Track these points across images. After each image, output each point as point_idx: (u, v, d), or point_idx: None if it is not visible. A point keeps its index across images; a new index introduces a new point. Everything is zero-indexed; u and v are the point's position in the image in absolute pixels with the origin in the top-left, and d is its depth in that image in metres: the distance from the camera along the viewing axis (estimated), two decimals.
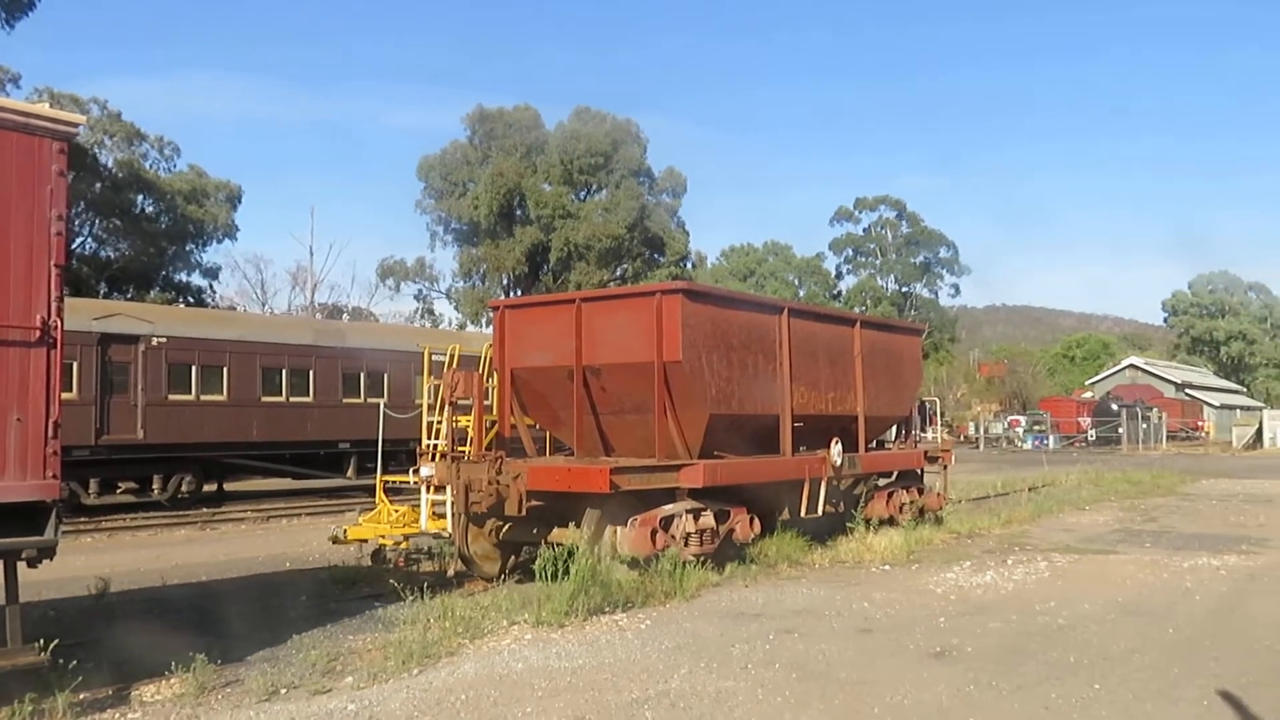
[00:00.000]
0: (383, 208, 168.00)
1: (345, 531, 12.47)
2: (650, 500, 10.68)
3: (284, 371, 22.49)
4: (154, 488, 20.32)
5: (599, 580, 9.36)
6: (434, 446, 12.41)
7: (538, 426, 13.11)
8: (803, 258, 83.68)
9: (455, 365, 12.96)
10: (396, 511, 12.76)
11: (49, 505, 6.37)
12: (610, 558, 10.19)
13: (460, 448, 12.03)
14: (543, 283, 55.77)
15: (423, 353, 14.46)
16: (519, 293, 55.20)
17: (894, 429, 17.13)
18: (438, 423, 12.54)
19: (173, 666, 6.97)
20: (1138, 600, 10.16)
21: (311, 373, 22.96)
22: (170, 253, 45.72)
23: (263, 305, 53.13)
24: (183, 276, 47.92)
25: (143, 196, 44.38)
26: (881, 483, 15.51)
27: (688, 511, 10.85)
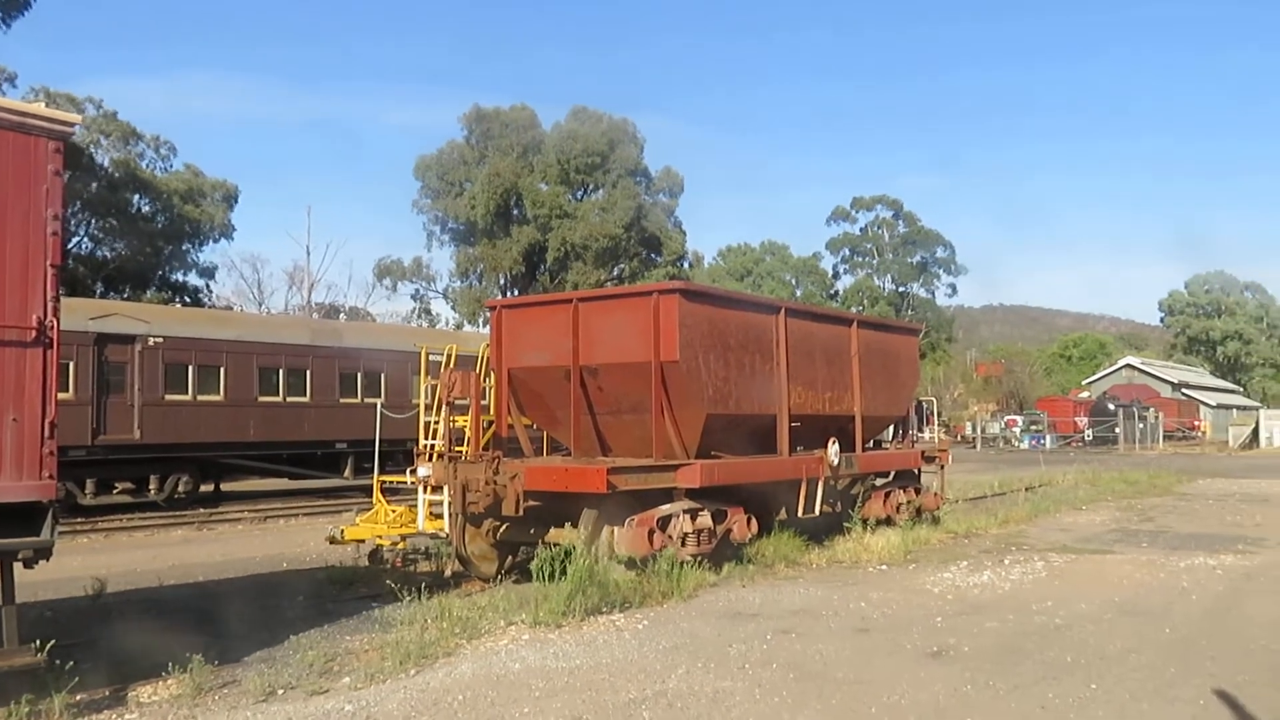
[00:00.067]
0: (380, 207, 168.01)
1: (342, 532, 12.46)
2: (647, 500, 10.69)
3: (281, 371, 22.47)
4: (150, 488, 20.30)
5: (596, 580, 9.36)
6: (431, 446, 12.40)
7: (535, 426, 13.12)
8: (800, 257, 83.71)
9: (452, 365, 12.95)
10: (394, 512, 12.75)
11: (45, 506, 6.36)
12: (607, 558, 10.19)
13: (457, 448, 12.03)
14: (540, 282, 55.74)
15: (420, 353, 14.45)
16: (516, 292, 55.18)
17: (891, 429, 17.16)
18: (435, 423, 12.53)
19: (170, 667, 6.96)
20: (1134, 600, 10.17)
21: (308, 373, 22.94)
22: (166, 252, 45.67)
23: (259, 305, 53.17)
24: (179, 276, 47.91)
25: (139, 196, 44.33)
26: (879, 483, 15.53)
27: (685, 511, 10.86)
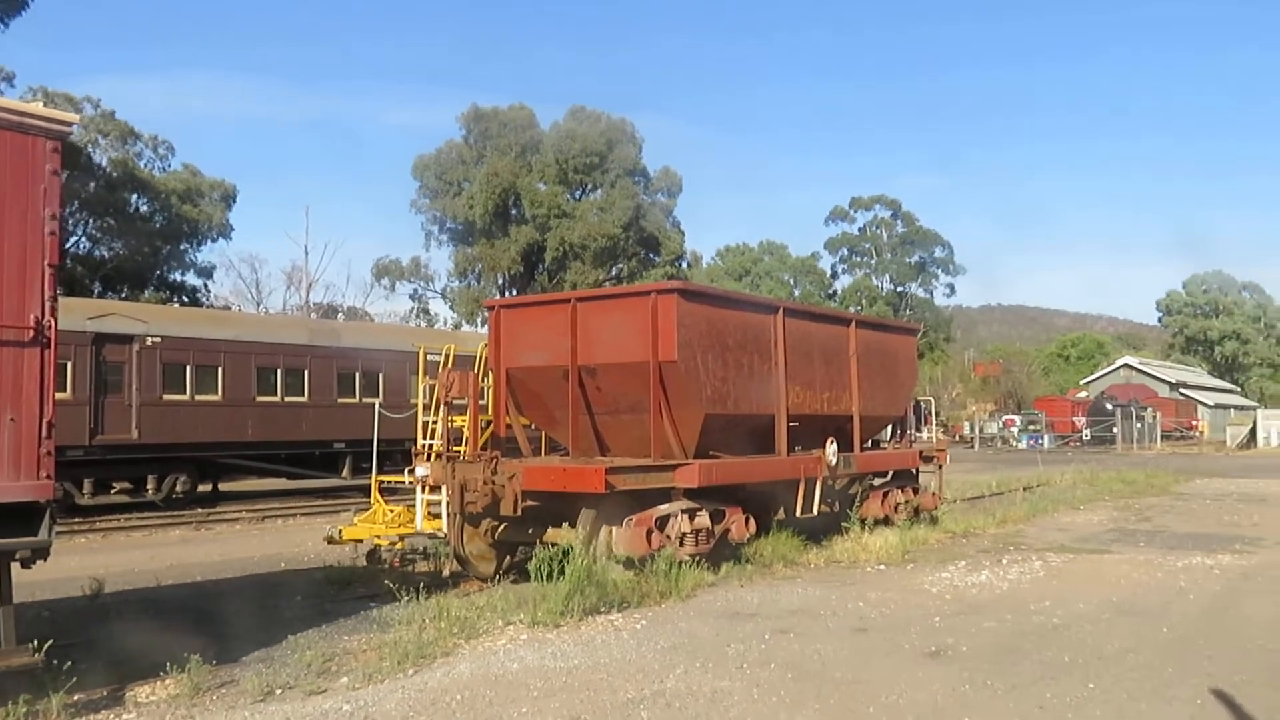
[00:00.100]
0: (379, 207, 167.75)
1: (340, 532, 12.46)
2: (646, 500, 10.69)
3: (279, 371, 22.45)
4: (148, 488, 20.29)
5: (594, 580, 9.36)
6: (429, 446, 12.40)
7: (533, 426, 13.11)
8: (798, 257, 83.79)
9: (450, 365, 12.94)
10: (392, 512, 12.74)
11: (43, 506, 6.35)
12: (606, 558, 10.19)
13: (455, 448, 12.01)
14: (538, 282, 55.74)
15: (418, 352, 14.45)
16: (514, 292, 55.18)
17: (889, 429, 17.16)
18: (433, 423, 12.53)
19: (168, 667, 6.96)
20: (1132, 600, 10.18)
21: (306, 372, 22.93)
22: (164, 252, 45.65)
23: (257, 305, 53.18)
24: (177, 276, 47.90)
25: (137, 196, 44.31)
26: (877, 482, 15.53)
27: (683, 511, 10.86)
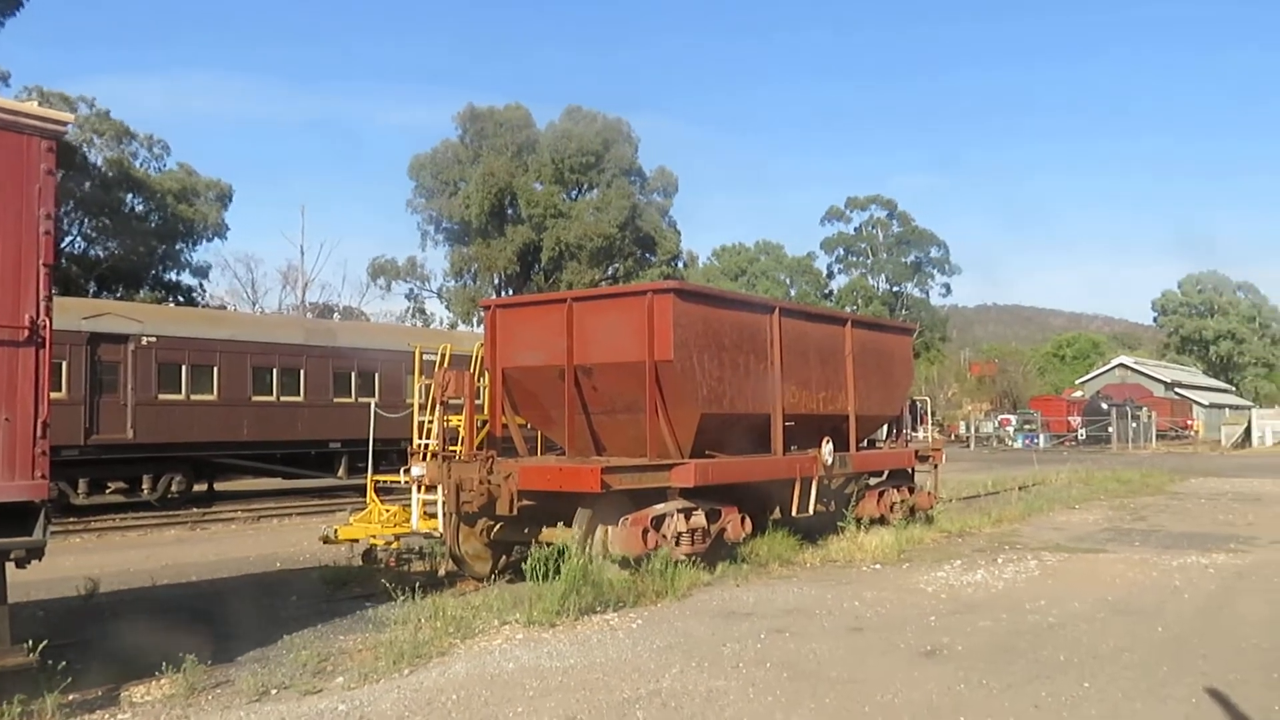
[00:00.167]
0: (375, 207, 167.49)
1: (336, 531, 12.44)
2: (642, 499, 10.69)
3: (275, 371, 22.42)
4: (144, 488, 20.25)
5: (590, 580, 9.36)
6: (425, 446, 12.39)
7: (529, 426, 13.11)
8: (794, 257, 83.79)
9: (446, 364, 12.95)
10: (388, 511, 12.72)
11: (37, 505, 6.34)
12: (602, 557, 10.19)
13: (451, 447, 12.01)
14: (534, 282, 55.73)
15: (414, 352, 14.43)
16: (510, 292, 55.18)
17: (885, 428, 17.18)
18: (429, 422, 12.52)
19: (163, 667, 6.95)
20: (1127, 599, 10.20)
21: (302, 372, 22.91)
22: (160, 252, 45.59)
23: (253, 304, 53.05)
24: (172, 276, 47.84)
25: (132, 195, 44.24)
26: (873, 482, 15.55)
27: (679, 511, 10.86)
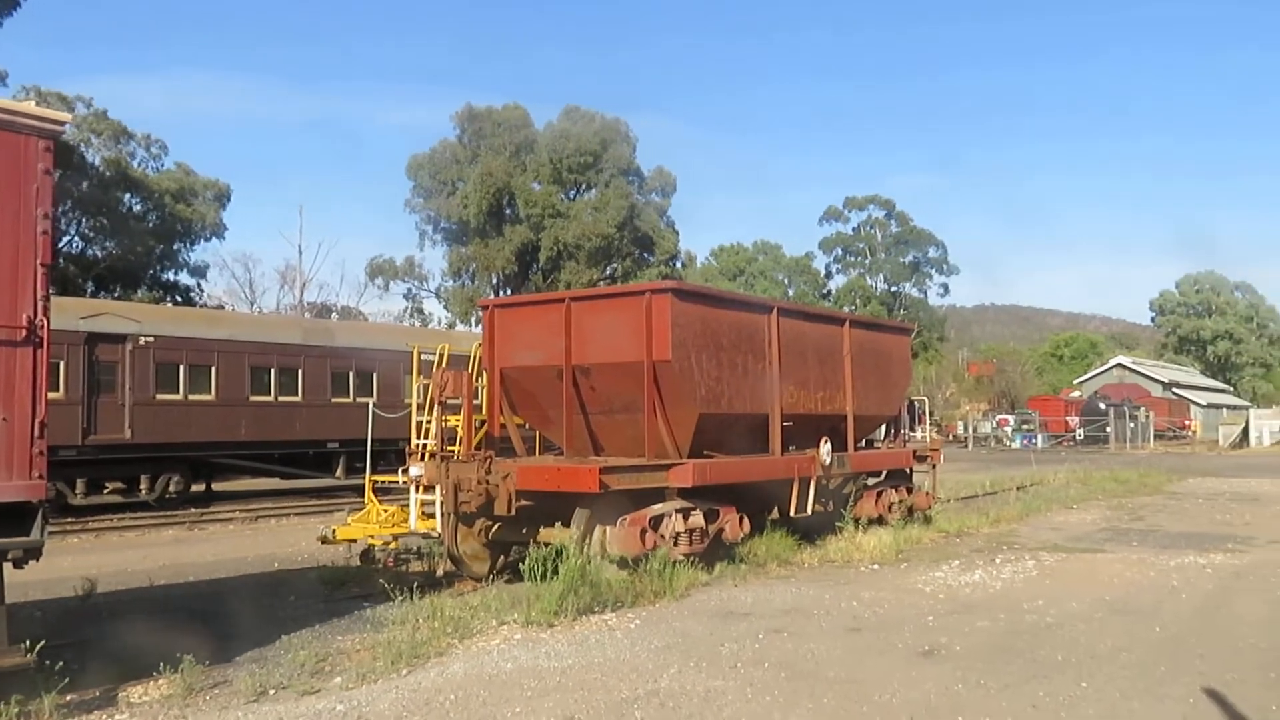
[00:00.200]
0: (373, 207, 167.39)
1: (334, 531, 12.43)
2: (640, 499, 10.69)
3: (272, 371, 22.41)
4: (141, 488, 20.25)
5: (588, 580, 9.36)
6: (423, 446, 12.39)
7: (527, 426, 13.10)
8: (792, 257, 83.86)
9: (444, 364, 12.94)
10: (385, 511, 12.73)
11: (35, 506, 6.34)
12: (600, 557, 10.19)
13: (449, 447, 12.01)
14: (532, 282, 55.72)
15: (412, 352, 14.42)
16: (508, 292, 55.17)
17: (883, 428, 17.19)
18: (427, 422, 12.52)
19: (160, 667, 6.95)
20: (1125, 599, 10.21)
21: (300, 372, 22.90)
22: (158, 251, 45.55)
23: (251, 304, 53.03)
24: (170, 275, 47.80)
25: (130, 195, 44.22)
26: (870, 482, 15.55)
27: (677, 511, 10.87)
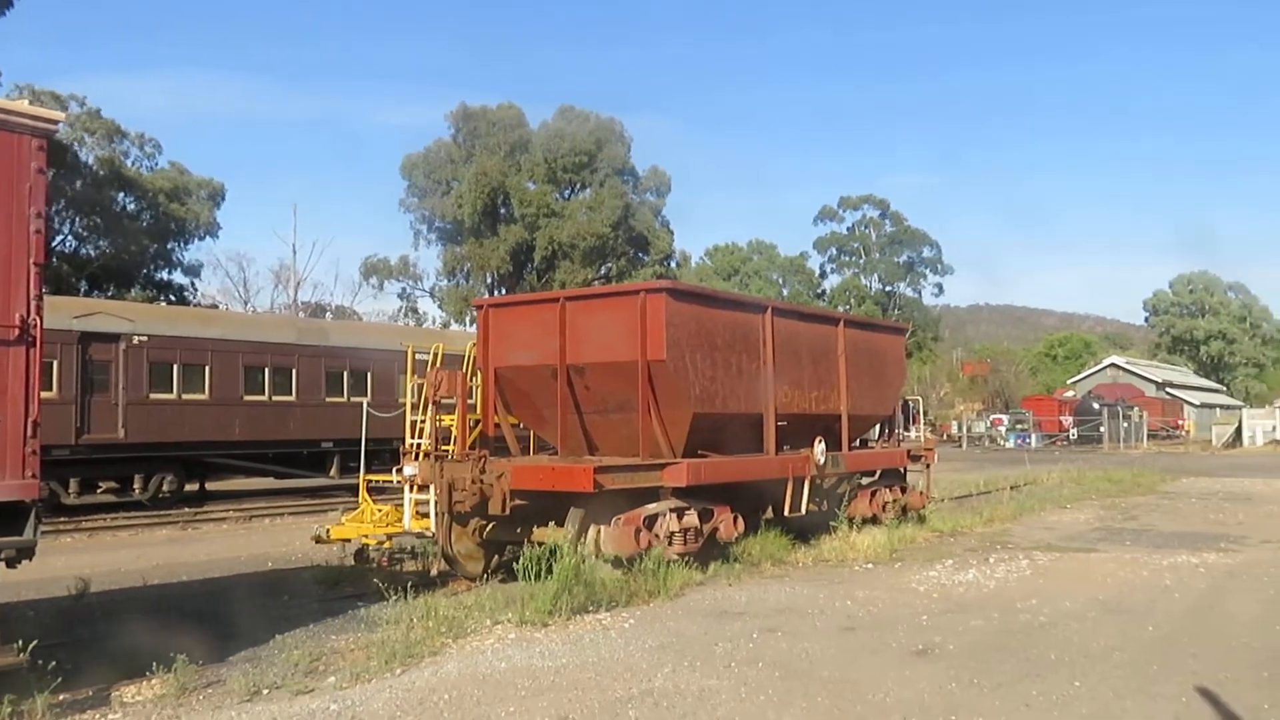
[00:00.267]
0: (369, 206, 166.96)
1: (328, 531, 12.42)
2: (634, 499, 10.69)
3: (267, 370, 22.37)
4: (135, 487, 20.19)
5: (583, 579, 9.36)
6: (418, 445, 12.38)
7: (522, 425, 13.10)
8: (787, 257, 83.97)
9: (439, 364, 12.93)
10: (380, 511, 12.72)
11: (28, 505, 6.33)
12: (594, 557, 10.19)
13: (444, 447, 12.00)
14: (527, 281, 55.69)
15: (406, 351, 14.42)
16: (503, 291, 55.13)
17: (877, 428, 17.21)
18: (421, 422, 12.51)
19: (154, 667, 6.93)
20: (1118, 598, 10.24)
21: (294, 371, 22.85)
22: (151, 251, 45.41)
23: (245, 304, 52.85)
24: (164, 275, 47.63)
25: (123, 194, 44.08)
26: (865, 481, 15.57)
27: (672, 510, 10.87)
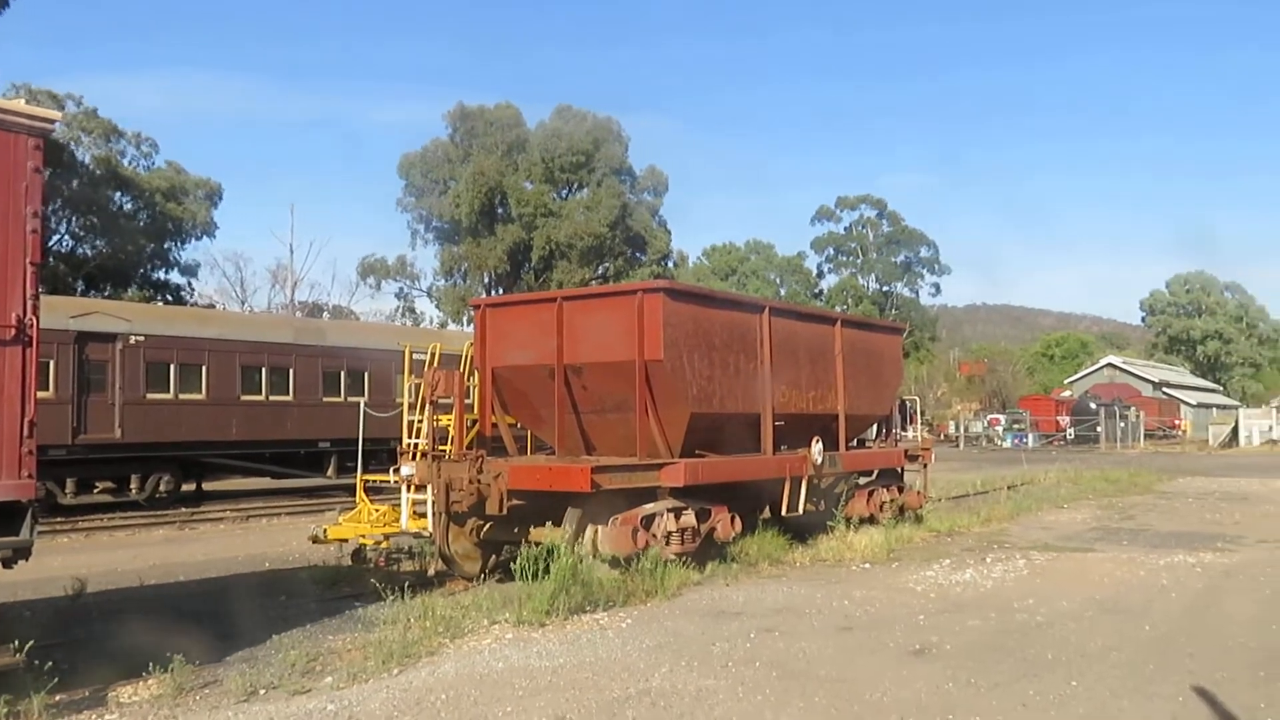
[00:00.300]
0: (366, 206, 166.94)
1: (325, 531, 12.41)
2: (632, 499, 10.69)
3: (263, 370, 22.34)
4: (132, 487, 20.15)
5: (580, 579, 9.36)
6: (415, 445, 12.37)
7: (519, 425, 13.10)
8: (784, 257, 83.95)
9: (436, 364, 12.91)
10: (377, 511, 12.70)
11: (24, 505, 6.32)
12: (591, 556, 10.18)
13: (441, 447, 11.99)
14: (524, 281, 55.67)
15: (403, 351, 14.41)
16: (500, 291, 55.10)
17: (875, 427, 17.22)
18: (419, 421, 12.49)
19: (150, 667, 6.92)
20: (1115, 598, 10.25)
21: (291, 371, 22.82)
22: (148, 250, 45.38)
23: (242, 303, 52.82)
24: (161, 274, 47.62)
25: (120, 193, 44.05)
26: (862, 481, 15.58)
27: (669, 510, 10.87)
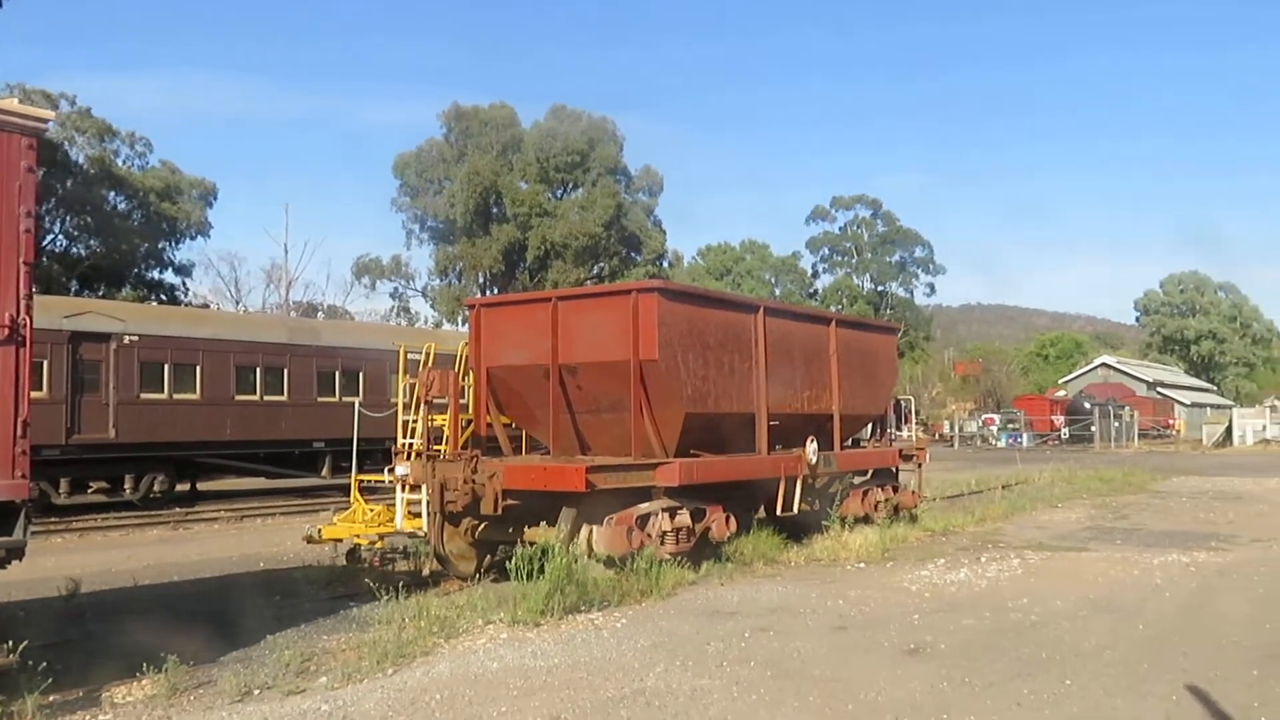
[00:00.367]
0: (361, 206, 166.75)
1: (320, 531, 12.40)
2: (626, 499, 10.69)
3: (258, 370, 22.31)
4: (126, 487, 20.13)
5: (575, 579, 9.36)
6: (409, 445, 12.36)
7: (514, 425, 13.09)
8: (779, 257, 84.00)
9: (431, 364, 12.91)
10: (371, 511, 12.69)
11: (18, 505, 6.31)
12: (586, 556, 10.18)
13: (436, 447, 11.99)
14: (519, 281, 55.67)
15: (398, 351, 14.39)
16: (495, 291, 55.10)
17: (869, 427, 17.23)
18: (413, 421, 12.49)
19: (144, 667, 6.92)
20: (1109, 597, 10.27)
21: (286, 371, 22.80)
22: (142, 250, 45.31)
23: (237, 303, 52.74)
24: (155, 274, 47.57)
25: (114, 193, 43.97)
26: (857, 481, 15.59)
27: (664, 510, 10.88)
